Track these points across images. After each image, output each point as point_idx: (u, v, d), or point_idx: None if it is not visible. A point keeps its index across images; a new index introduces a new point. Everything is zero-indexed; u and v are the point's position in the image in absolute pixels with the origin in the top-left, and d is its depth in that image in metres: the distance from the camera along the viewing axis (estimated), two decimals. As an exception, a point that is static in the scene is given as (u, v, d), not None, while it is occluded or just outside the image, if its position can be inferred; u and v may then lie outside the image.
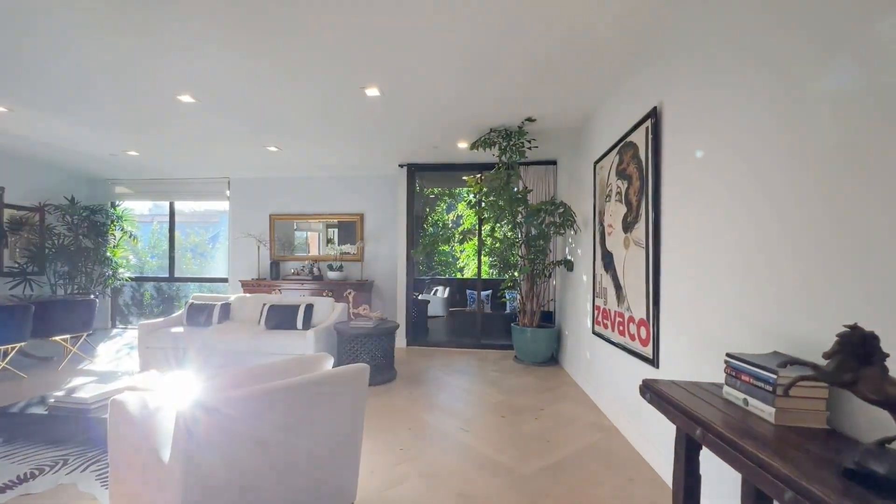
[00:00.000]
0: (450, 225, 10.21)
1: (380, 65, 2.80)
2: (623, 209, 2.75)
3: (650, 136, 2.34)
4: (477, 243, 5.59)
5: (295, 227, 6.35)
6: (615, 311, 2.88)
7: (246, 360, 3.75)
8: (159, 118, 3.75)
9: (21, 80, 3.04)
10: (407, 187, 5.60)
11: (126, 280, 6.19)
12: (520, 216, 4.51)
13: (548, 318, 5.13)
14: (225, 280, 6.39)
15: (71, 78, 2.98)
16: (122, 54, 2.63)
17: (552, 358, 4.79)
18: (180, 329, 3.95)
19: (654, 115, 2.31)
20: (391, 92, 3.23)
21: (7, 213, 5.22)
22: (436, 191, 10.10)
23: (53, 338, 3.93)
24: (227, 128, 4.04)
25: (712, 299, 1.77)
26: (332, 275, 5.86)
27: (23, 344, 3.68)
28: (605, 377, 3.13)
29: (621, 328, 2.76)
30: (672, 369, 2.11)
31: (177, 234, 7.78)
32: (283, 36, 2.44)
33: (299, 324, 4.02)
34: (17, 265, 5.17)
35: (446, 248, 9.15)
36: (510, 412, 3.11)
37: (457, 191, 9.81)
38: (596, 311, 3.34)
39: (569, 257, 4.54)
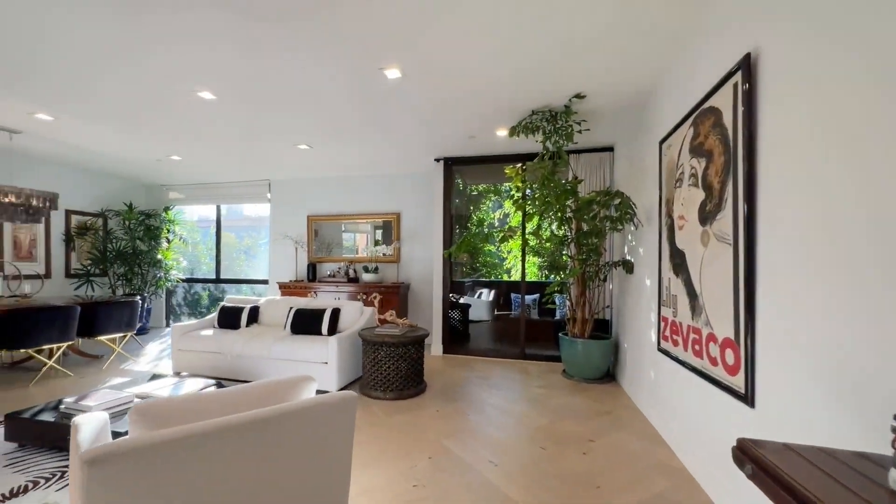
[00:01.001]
0: (496, 224, 9.73)
1: (400, 41, 2.50)
2: (699, 195, 2.17)
3: (740, 95, 1.77)
4: (521, 242, 5.10)
5: (331, 228, 6.29)
6: (688, 326, 2.29)
7: (266, 367, 3.63)
8: (184, 118, 3.75)
9: (63, 90, 3.16)
10: (444, 182, 5.27)
11: (177, 281, 6.53)
12: (569, 210, 3.97)
13: (602, 327, 4.51)
14: (265, 282, 6.49)
15: (91, 80, 3.02)
16: (136, 51, 2.57)
17: (608, 374, 4.18)
18: (210, 332, 3.94)
19: (746, 67, 1.73)
20: (414, 72, 2.90)
21: (74, 219, 5.68)
22: (481, 187, 9.69)
23: (99, 337, 4.12)
24: (253, 125, 3.97)
25: (845, 318, 1.20)
26: (367, 277, 5.69)
27: (70, 343, 3.87)
28: (676, 405, 2.54)
29: (697, 347, 2.18)
30: (775, 413, 1.54)
31: (232, 236, 8.17)
32: (295, 20, 2.22)
33: (324, 329, 3.83)
34: (82, 268, 5.60)
35: (490, 247, 8.70)
36: (552, 442, 2.62)
37: (502, 186, 9.32)
38: (662, 324, 2.74)
39: (628, 257, 3.92)
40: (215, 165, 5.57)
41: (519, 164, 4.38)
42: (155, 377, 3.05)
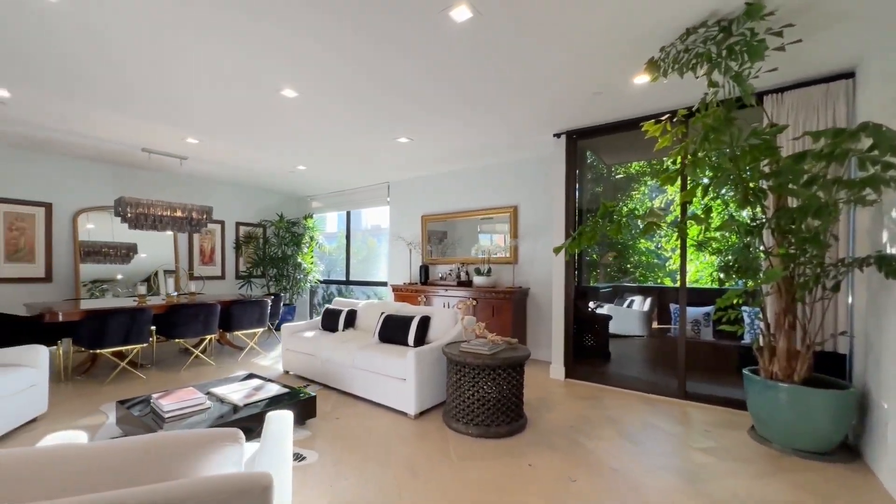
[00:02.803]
0: (660, 213, 7.80)
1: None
2: None
3: None
4: (679, 233, 3.68)
5: (444, 227, 5.97)
6: None
7: (349, 376, 3.41)
8: (274, 120, 3.87)
9: (193, 113, 3.66)
10: (566, 163, 4.28)
11: (316, 282, 7.29)
12: (761, 178, 2.56)
13: (831, 366, 2.81)
14: (385, 284, 6.62)
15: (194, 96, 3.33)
16: (226, 59, 2.66)
17: (843, 446, 2.53)
18: (311, 334, 4.01)
19: None
20: (493, 6, 2.19)
21: (242, 229, 6.90)
22: (634, 167, 7.95)
23: (235, 332, 4.71)
24: (343, 121, 3.88)
25: None
26: (478, 280, 5.12)
27: (213, 336, 4.51)
28: None
29: None
30: None
31: (373, 240, 8.86)
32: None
33: (410, 339, 3.42)
34: (245, 271, 6.75)
35: (647, 244, 6.99)
36: (718, 577, 1.50)
37: (662, 163, 7.41)
38: None
39: (890, 251, 2.27)
40: (336, 172, 5.91)
41: (665, 116, 3.09)
42: (249, 377, 3.14)
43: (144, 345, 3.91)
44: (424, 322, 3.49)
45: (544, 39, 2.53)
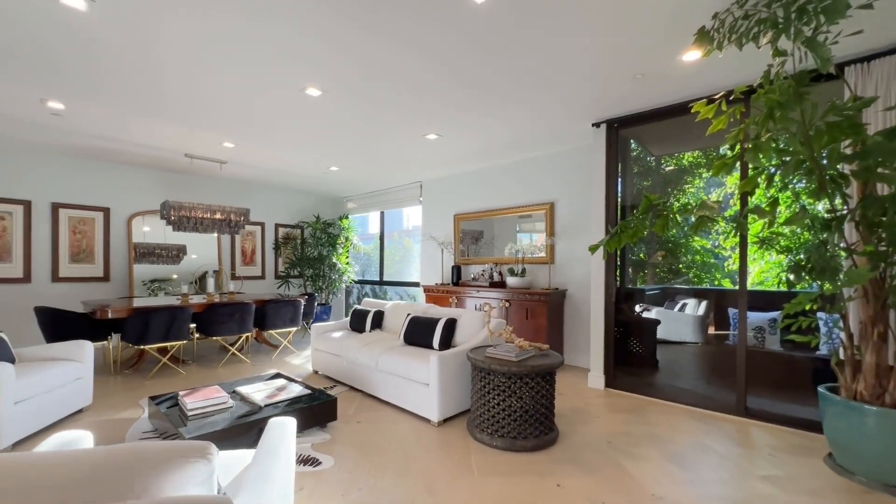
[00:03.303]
0: (713, 206, 7.13)
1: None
2: None
3: None
4: (736, 228, 3.27)
5: (477, 226, 5.80)
6: None
7: (373, 379, 3.34)
8: (301, 121, 3.89)
9: (226, 118, 3.76)
10: (606, 154, 3.98)
11: (351, 282, 7.38)
12: (841, 162, 2.17)
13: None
14: (417, 284, 6.56)
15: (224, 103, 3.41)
16: (250, 62, 2.69)
17: (958, 489, 2.08)
18: (339, 334, 4.00)
19: None
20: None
21: (281, 231, 7.13)
22: (686, 158, 7.32)
23: (269, 331, 4.83)
24: (369, 119, 3.83)
25: None
26: (511, 281, 4.90)
27: (249, 335, 4.64)
28: None
29: None
30: None
31: (409, 241, 8.87)
32: None
33: (435, 342, 3.29)
34: (283, 271, 6.97)
35: (701, 241, 6.40)
36: None
37: (714, 152, 6.74)
38: None
39: None
40: (368, 172, 5.92)
41: (720, 94, 2.72)
42: (275, 377, 3.16)
43: (185, 342, 4.09)
44: (450, 325, 3.36)
45: (576, 17, 2.31)
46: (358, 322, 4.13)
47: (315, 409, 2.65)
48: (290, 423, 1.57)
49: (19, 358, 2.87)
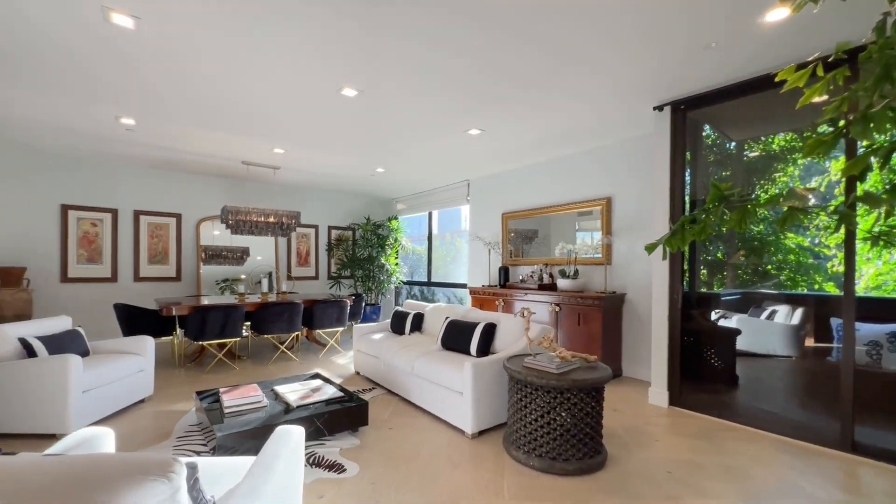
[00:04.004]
0: (804, 193, 6.09)
1: None
2: None
3: None
4: (839, 220, 2.71)
5: (527, 225, 5.53)
6: None
7: (409, 384, 3.25)
8: (341, 122, 3.92)
9: (276, 125, 3.94)
10: (671, 141, 3.55)
11: (399, 283, 7.44)
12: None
13: None
14: (464, 286, 6.42)
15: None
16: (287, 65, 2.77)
17: None
18: (379, 336, 3.99)
19: None
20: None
21: (333, 232, 7.40)
22: (777, 142, 6.36)
23: (317, 331, 4.97)
24: (408, 117, 3.77)
25: None
26: (563, 283, 4.58)
27: (299, 333, 4.82)
28: None
29: None
30: None
31: (461, 241, 8.78)
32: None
33: (472, 348, 3.13)
34: (335, 272, 7.21)
35: (798, 238, 5.50)
36: None
37: (810, 133, 5.74)
38: None
39: None
40: (414, 172, 5.91)
41: (813, 56, 2.25)
42: (313, 377, 3.21)
43: (238, 338, 4.33)
44: (489, 330, 3.17)
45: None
46: (398, 324, 4.09)
47: (345, 413, 2.62)
48: (296, 432, 1.52)
49: (93, 351, 3.20)
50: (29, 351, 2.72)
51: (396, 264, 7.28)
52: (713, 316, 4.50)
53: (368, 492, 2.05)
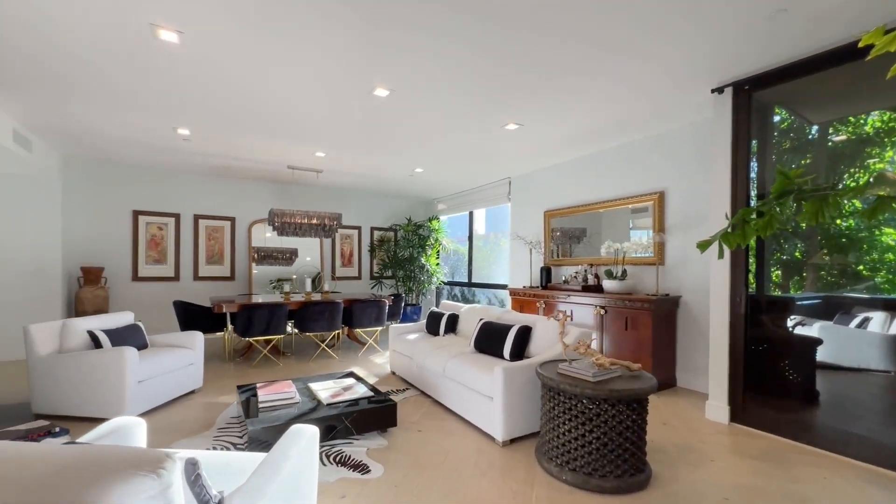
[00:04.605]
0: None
1: None
2: None
3: None
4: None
5: (571, 223, 5.28)
6: None
7: (440, 386, 3.20)
8: (375, 123, 3.96)
9: (314, 129, 4.08)
10: (733, 127, 3.22)
11: (440, 283, 7.43)
12: None
13: None
14: (505, 287, 6.27)
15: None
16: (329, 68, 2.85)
17: None
18: (414, 336, 3.98)
19: None
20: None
21: (375, 234, 7.56)
22: (871, 123, 5.58)
23: (356, 329, 5.08)
24: (441, 114, 3.73)
25: None
26: (609, 284, 4.30)
27: (338, 332, 4.95)
28: None
29: None
30: None
31: (505, 241, 8.64)
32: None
33: (505, 352, 3.01)
34: (377, 272, 7.36)
35: (883, 233, 4.76)
36: None
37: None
38: None
39: None
40: (453, 171, 5.86)
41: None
42: (347, 375, 3.26)
43: (282, 336, 4.54)
44: (524, 333, 3.03)
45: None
46: (433, 325, 4.06)
47: (373, 413, 2.62)
48: (308, 431, 1.51)
49: (151, 344, 3.48)
50: (96, 343, 3.01)
51: (437, 265, 7.28)
52: (788, 323, 4.01)
53: (390, 495, 2.02)
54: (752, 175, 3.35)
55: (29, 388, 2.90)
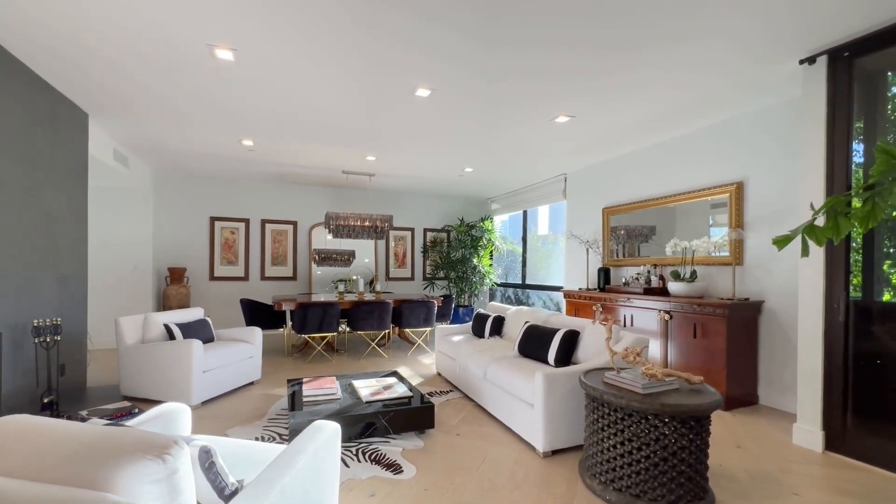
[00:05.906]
0: None
1: None
2: None
3: None
4: None
5: (633, 220, 4.91)
6: None
7: (481, 389, 3.12)
8: (418, 123, 3.96)
9: (364, 134, 4.24)
10: (827, 103, 2.77)
11: (493, 285, 7.31)
12: None
13: None
14: (559, 289, 5.99)
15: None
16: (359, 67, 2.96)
17: None
18: (458, 338, 3.94)
19: None
20: None
21: (428, 235, 7.65)
22: None
23: (405, 329, 5.15)
24: (484, 109, 3.66)
25: None
26: (675, 287, 3.91)
27: (388, 331, 5.06)
28: None
29: None
30: None
31: (566, 242, 8.32)
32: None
33: (550, 357, 2.86)
34: (429, 273, 7.44)
35: None
36: None
37: None
38: None
39: None
40: (504, 169, 5.74)
41: None
42: (390, 374, 3.32)
43: (335, 333, 4.75)
44: (571, 337, 2.86)
45: None
46: (478, 327, 4.00)
47: (409, 414, 2.63)
48: (329, 428, 1.54)
49: (217, 338, 3.82)
50: (170, 335, 3.37)
51: (490, 265, 7.18)
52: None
53: (419, 498, 1.99)
54: (858, 160, 2.84)
55: (118, 372, 3.33)
